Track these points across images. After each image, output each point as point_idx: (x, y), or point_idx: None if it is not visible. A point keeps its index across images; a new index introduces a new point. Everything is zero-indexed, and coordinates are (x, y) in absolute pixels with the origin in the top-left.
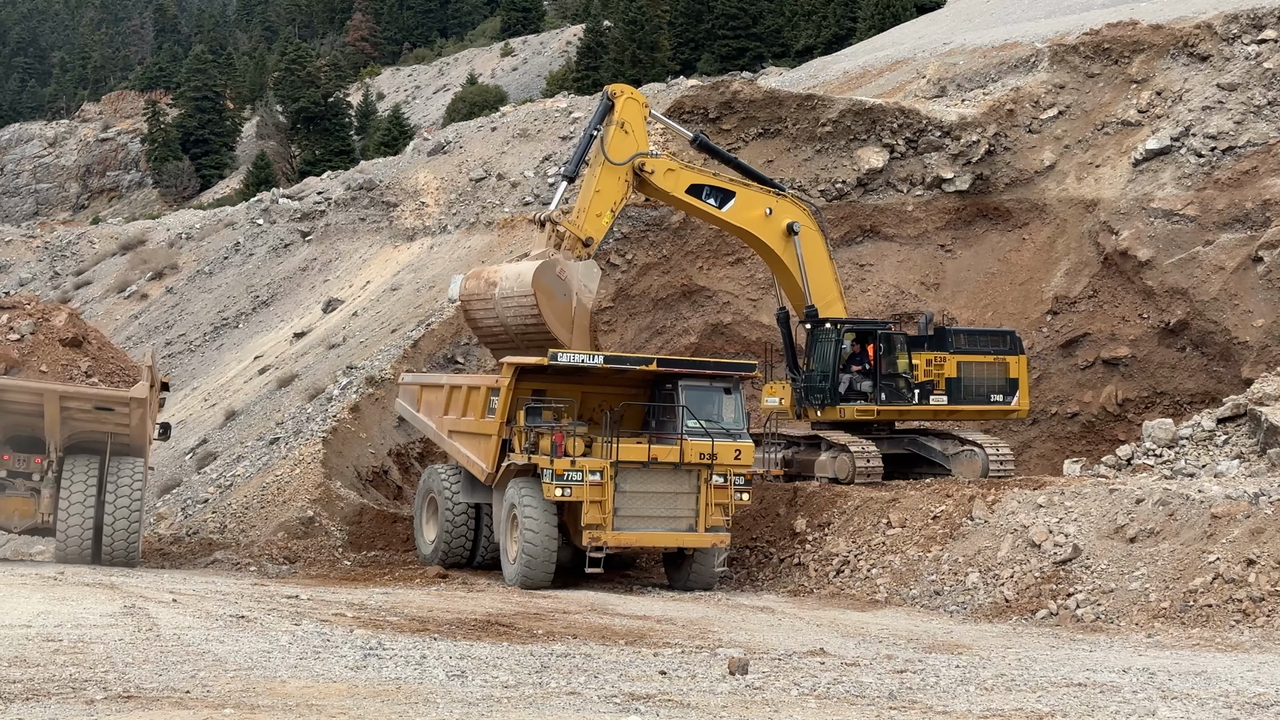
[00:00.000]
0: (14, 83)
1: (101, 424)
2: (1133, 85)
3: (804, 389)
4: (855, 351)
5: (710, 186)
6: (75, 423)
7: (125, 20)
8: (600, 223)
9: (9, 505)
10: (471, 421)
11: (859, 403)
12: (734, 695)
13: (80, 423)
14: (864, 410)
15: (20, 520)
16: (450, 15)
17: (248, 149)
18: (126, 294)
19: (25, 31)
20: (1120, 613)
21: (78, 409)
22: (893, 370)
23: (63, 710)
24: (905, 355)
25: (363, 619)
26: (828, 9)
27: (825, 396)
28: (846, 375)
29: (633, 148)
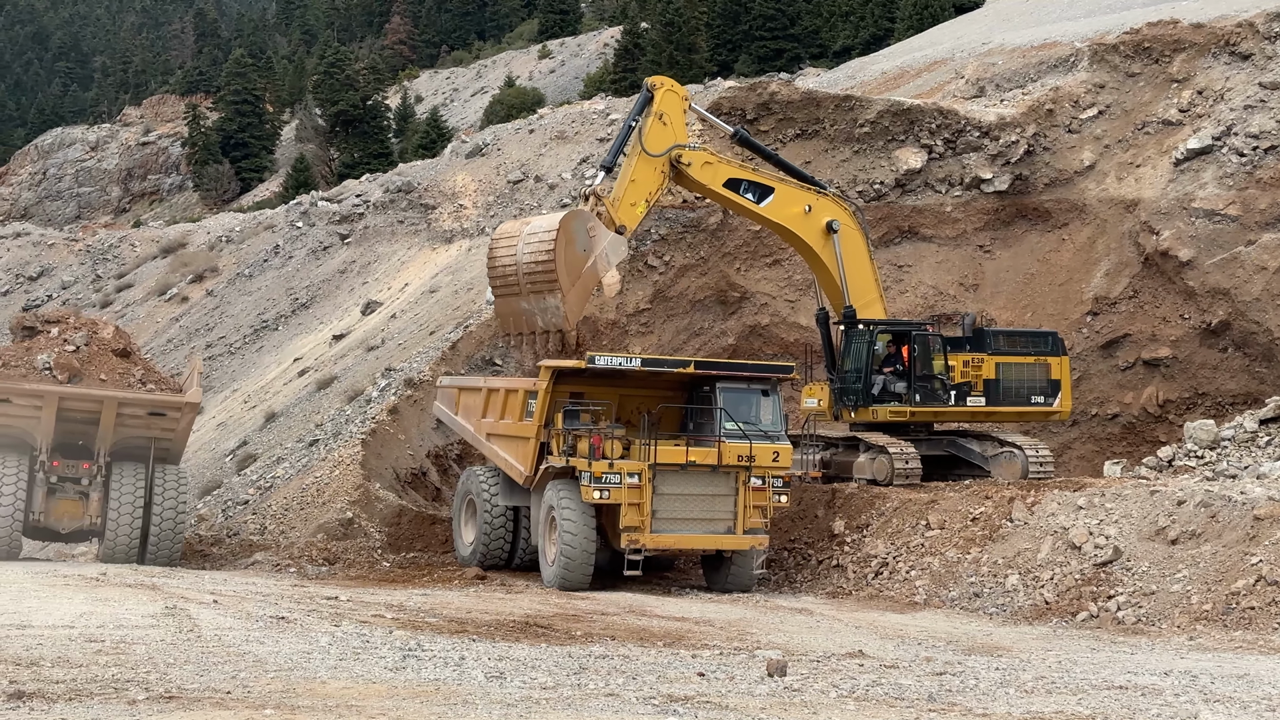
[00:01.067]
0: (56, 87)
1: (149, 429)
2: (1174, 84)
3: (839, 390)
4: (890, 353)
5: (749, 181)
6: (126, 429)
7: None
8: (634, 212)
9: (58, 508)
10: (509, 424)
11: (893, 404)
12: (772, 697)
13: (130, 429)
14: (897, 411)
15: (69, 522)
16: (488, 18)
17: (287, 152)
18: (167, 297)
19: (67, 36)
20: (1162, 615)
21: (131, 415)
22: (928, 371)
23: (105, 710)
24: (941, 356)
25: (402, 620)
26: (866, 10)
27: (858, 398)
28: (880, 376)
29: (670, 139)
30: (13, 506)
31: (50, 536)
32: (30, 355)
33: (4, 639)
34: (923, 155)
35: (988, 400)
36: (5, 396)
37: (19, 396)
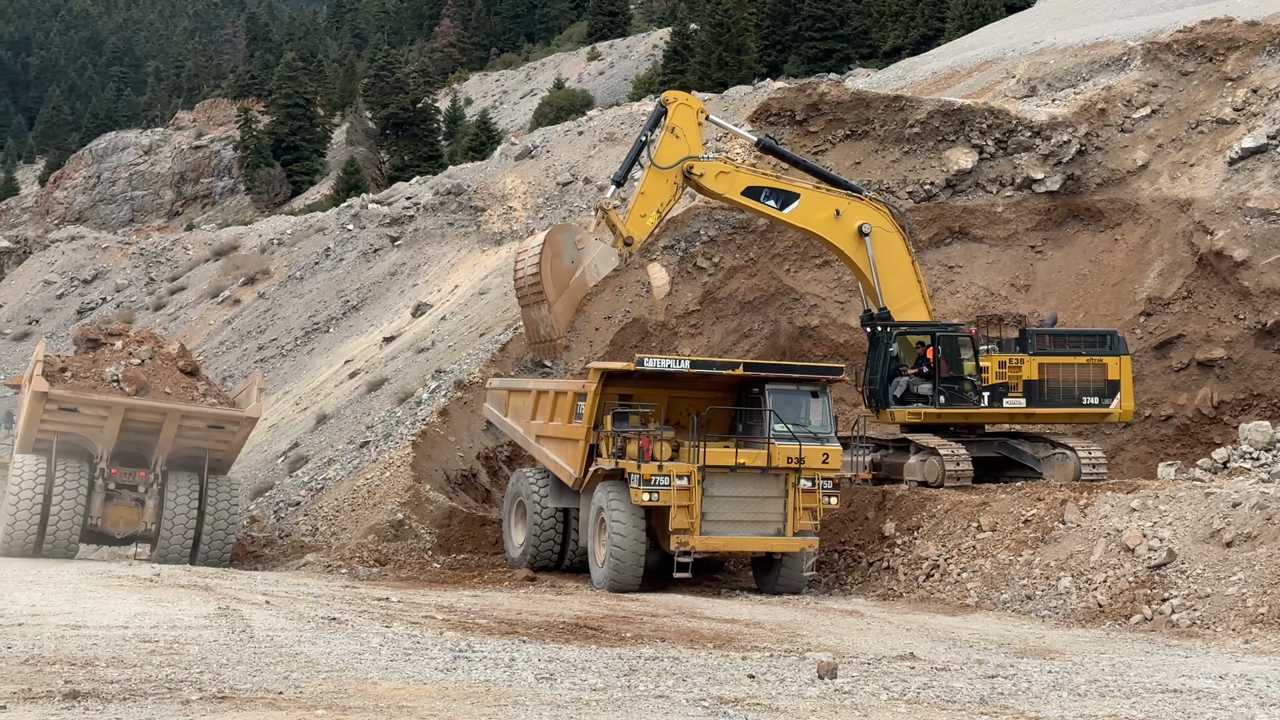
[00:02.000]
0: (110, 92)
1: (205, 440)
2: (1227, 83)
3: (865, 392)
4: (919, 354)
5: (770, 189)
6: (184, 440)
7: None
8: (644, 223)
9: (115, 513)
10: (558, 426)
11: (915, 406)
12: (823, 699)
13: (188, 440)
14: (915, 414)
15: (124, 527)
16: (537, 20)
17: (338, 155)
18: (219, 299)
19: (121, 41)
20: (1217, 618)
21: (191, 427)
22: (956, 373)
23: (159, 710)
24: (972, 357)
25: (452, 621)
26: (916, 9)
27: (878, 399)
28: (904, 379)
29: (682, 151)
30: (74, 511)
31: (105, 540)
32: (97, 367)
33: (60, 639)
34: (974, 155)
35: (1029, 401)
36: (73, 406)
37: (86, 406)
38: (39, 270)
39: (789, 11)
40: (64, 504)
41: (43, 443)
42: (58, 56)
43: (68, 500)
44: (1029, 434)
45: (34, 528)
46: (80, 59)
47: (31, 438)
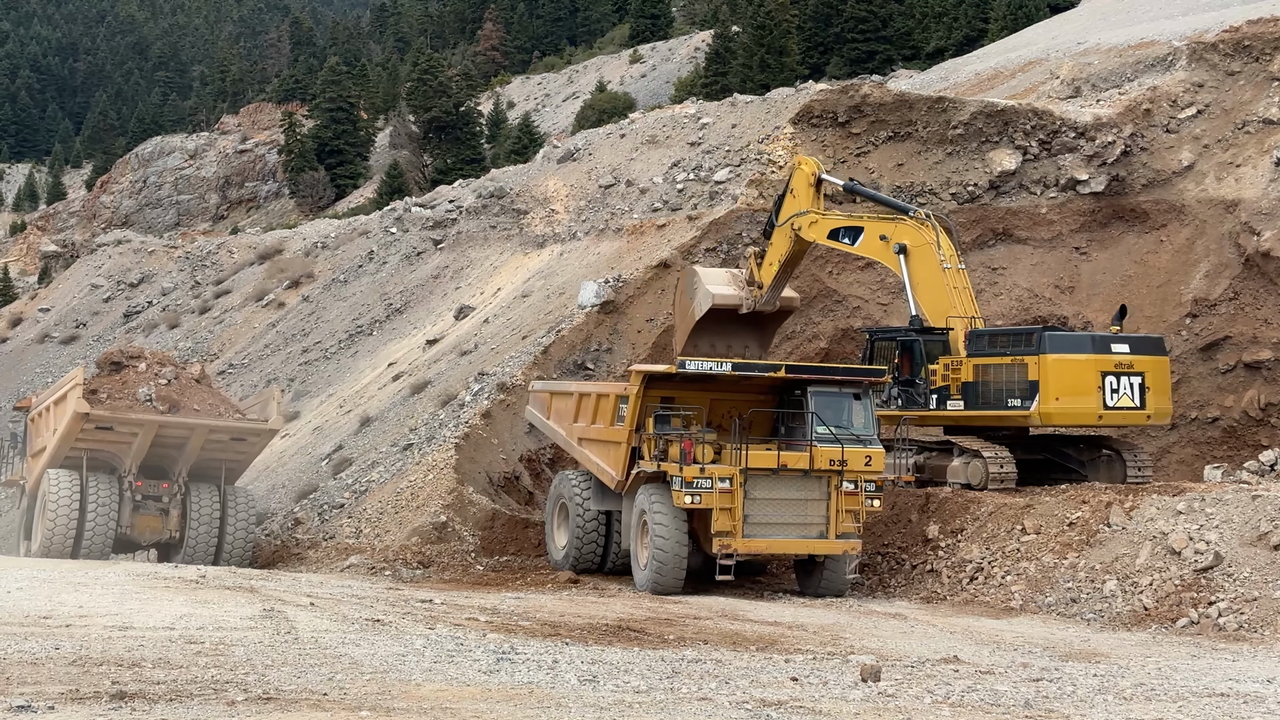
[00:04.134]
0: (156, 96)
1: (225, 452)
2: (1274, 82)
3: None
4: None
5: (844, 228)
6: (206, 453)
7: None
8: (769, 270)
9: (142, 523)
10: (601, 429)
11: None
12: (866, 702)
13: (210, 452)
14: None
15: (150, 535)
16: (579, 23)
17: (381, 158)
18: (264, 302)
19: (166, 46)
20: (1264, 622)
21: (215, 440)
22: (912, 376)
23: (205, 711)
24: (923, 361)
25: (495, 623)
26: (959, 10)
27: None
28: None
29: (794, 209)
30: (107, 521)
31: (133, 548)
32: (129, 388)
33: (107, 640)
34: (1017, 157)
35: (965, 404)
36: (109, 424)
37: (122, 425)
38: (86, 274)
39: (831, 13)
40: (98, 515)
41: (72, 459)
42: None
43: (101, 511)
44: (1074, 437)
45: (70, 537)
46: (126, 64)
47: (63, 454)
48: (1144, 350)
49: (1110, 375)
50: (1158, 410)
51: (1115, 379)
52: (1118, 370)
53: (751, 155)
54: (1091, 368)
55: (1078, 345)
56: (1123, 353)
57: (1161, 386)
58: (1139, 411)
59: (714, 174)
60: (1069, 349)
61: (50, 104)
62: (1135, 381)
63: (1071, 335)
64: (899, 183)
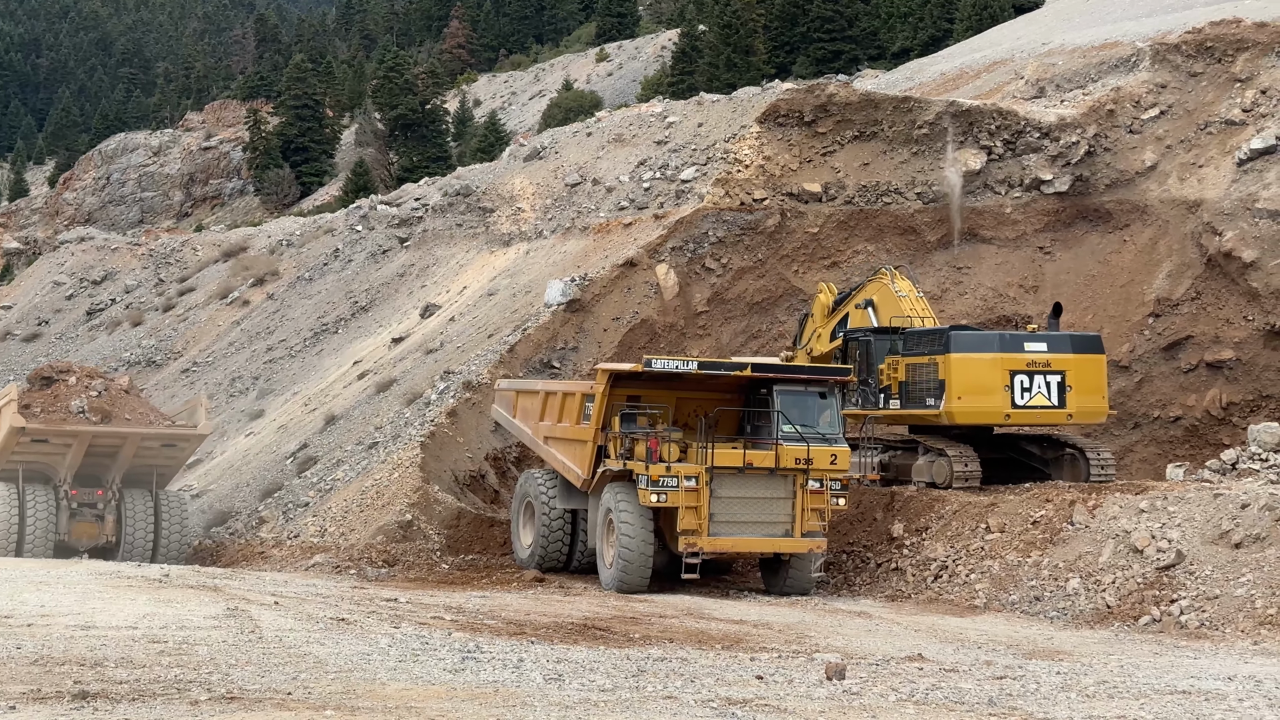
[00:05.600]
0: (120, 93)
1: (156, 458)
2: (1236, 84)
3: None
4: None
5: (836, 325)
6: (139, 459)
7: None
8: None
9: (79, 529)
10: (567, 427)
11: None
12: (831, 700)
13: (142, 459)
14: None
15: (87, 541)
16: (546, 22)
17: (347, 156)
18: (229, 300)
19: (130, 42)
20: (1225, 619)
21: (147, 447)
22: (862, 375)
23: (168, 711)
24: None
25: (461, 622)
26: (924, 10)
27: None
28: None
29: (812, 329)
30: (46, 530)
31: (71, 554)
32: (61, 401)
33: (69, 640)
34: (982, 157)
35: (901, 403)
36: (44, 437)
37: (56, 436)
38: (48, 271)
39: (797, 13)
40: (36, 524)
41: (8, 471)
42: (67, 58)
43: (39, 520)
44: (1037, 436)
45: (11, 546)
46: (90, 60)
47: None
48: (1067, 349)
49: (1021, 374)
50: (1082, 409)
51: (1027, 378)
52: (1030, 369)
53: (718, 154)
54: (998, 367)
55: (984, 345)
56: (1038, 351)
57: (1090, 385)
58: (1057, 410)
59: (680, 173)
60: (975, 348)
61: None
62: (1053, 380)
63: (979, 335)
64: (864, 182)
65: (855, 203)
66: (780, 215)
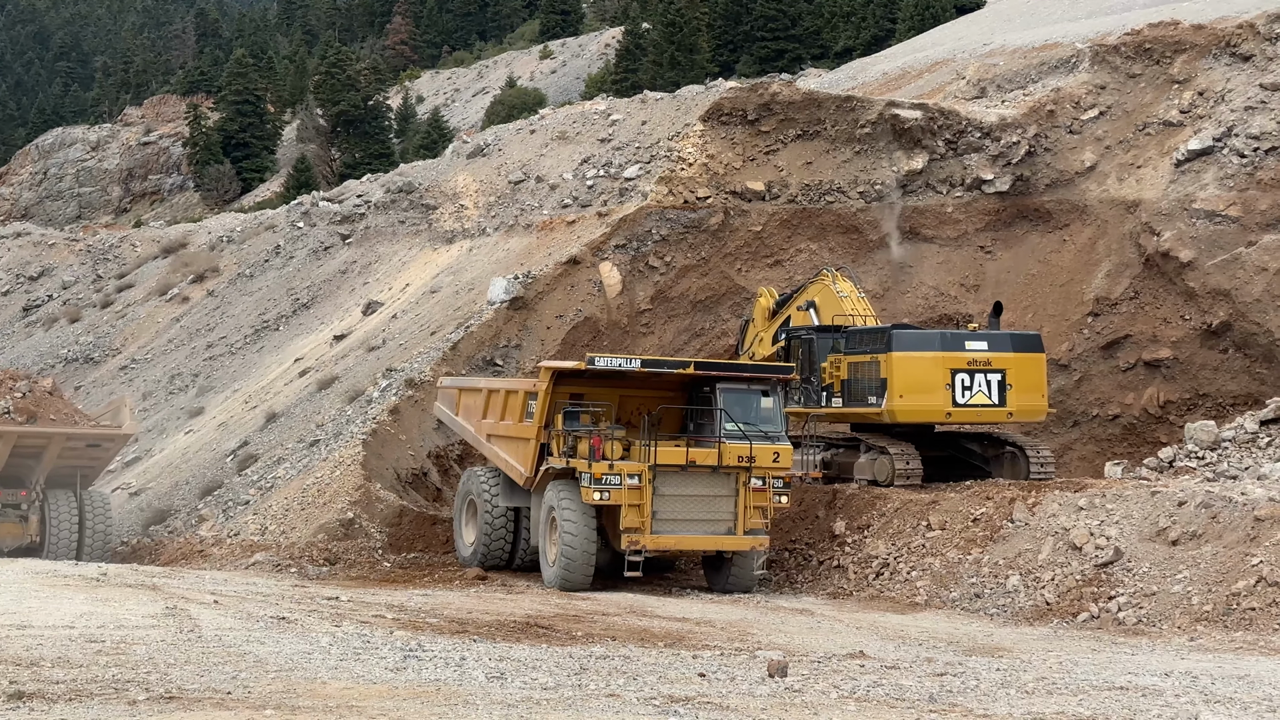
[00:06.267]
0: (57, 87)
1: (80, 459)
2: (1174, 85)
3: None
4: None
5: (779, 327)
6: (63, 460)
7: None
8: None
9: (3, 530)
10: (510, 425)
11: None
12: (773, 698)
13: (66, 460)
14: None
15: (11, 541)
16: (489, 18)
17: (288, 152)
18: (168, 297)
19: (68, 36)
20: (1162, 616)
21: (71, 448)
22: (811, 374)
23: (105, 711)
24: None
25: (402, 620)
26: (867, 10)
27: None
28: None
29: (752, 334)
30: None
31: None
32: None
33: (4, 639)
34: (924, 156)
35: (844, 401)
36: None
37: None
38: None
39: (741, 11)
40: None
41: None
42: (3, 51)
43: None
44: (978, 434)
45: None
46: (26, 54)
47: None
48: (1007, 347)
49: (962, 373)
50: (1022, 408)
51: (968, 376)
52: (971, 368)
53: (661, 152)
54: (940, 365)
55: (925, 343)
56: (979, 350)
57: (1030, 384)
58: (997, 409)
59: (624, 170)
60: (916, 347)
61: None
62: (994, 379)
63: (920, 333)
64: (807, 181)
65: (798, 201)
66: (724, 214)
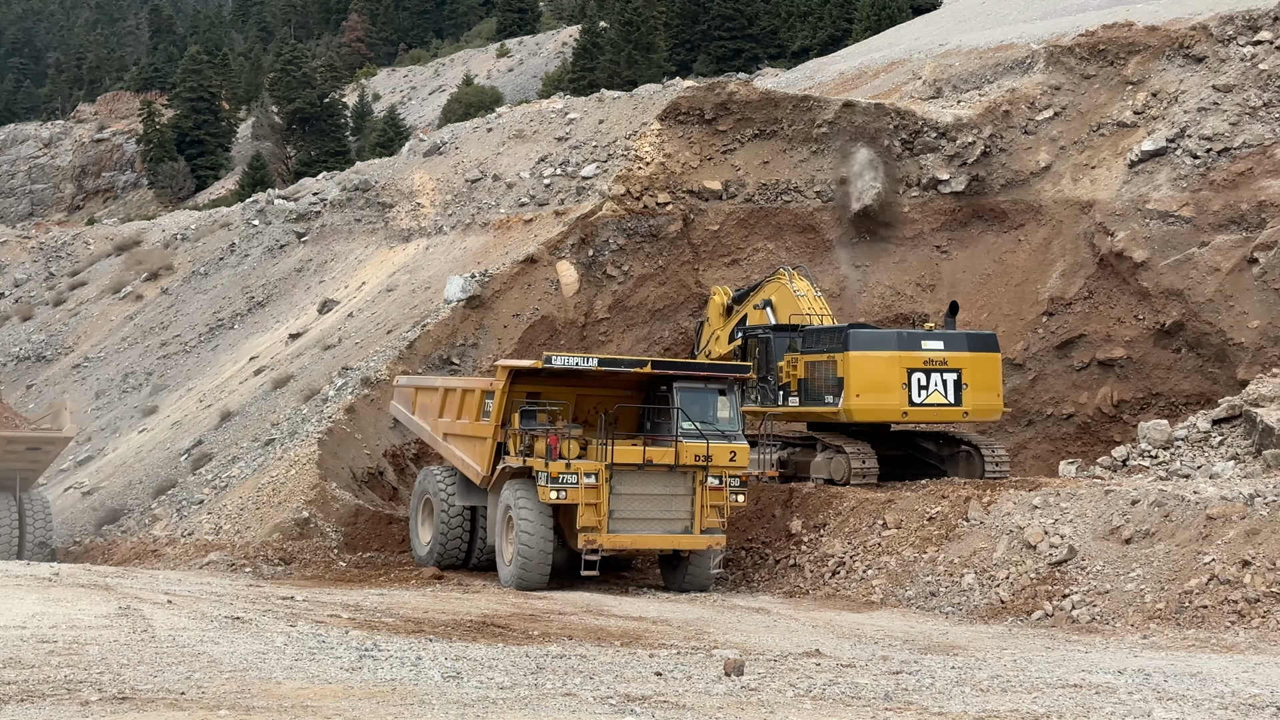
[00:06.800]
0: (9, 83)
1: (20, 461)
2: (1128, 87)
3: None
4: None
5: (735, 326)
6: (2, 463)
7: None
8: None
9: None
10: (466, 424)
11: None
12: (730, 696)
13: (6, 462)
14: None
15: None
16: (446, 16)
17: (243, 150)
18: (122, 295)
19: (20, 32)
20: (1116, 614)
21: (11, 450)
22: (767, 373)
23: (57, 712)
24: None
25: (358, 620)
26: (824, 10)
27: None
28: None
29: (707, 333)
30: None
31: None
32: None
33: None
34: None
35: (801, 400)
36: None
37: None
38: None
39: (698, 11)
40: None
41: None
42: None
43: None
44: (933, 433)
45: None
46: None
47: None
48: (963, 347)
49: (918, 372)
50: (978, 407)
51: (924, 375)
52: (927, 367)
53: (619, 151)
54: (896, 365)
55: (882, 343)
56: (935, 350)
57: (986, 383)
58: (953, 408)
59: (581, 169)
60: (873, 346)
61: None
62: (949, 378)
63: (876, 333)
64: (764, 180)
65: (755, 201)
66: (683, 221)
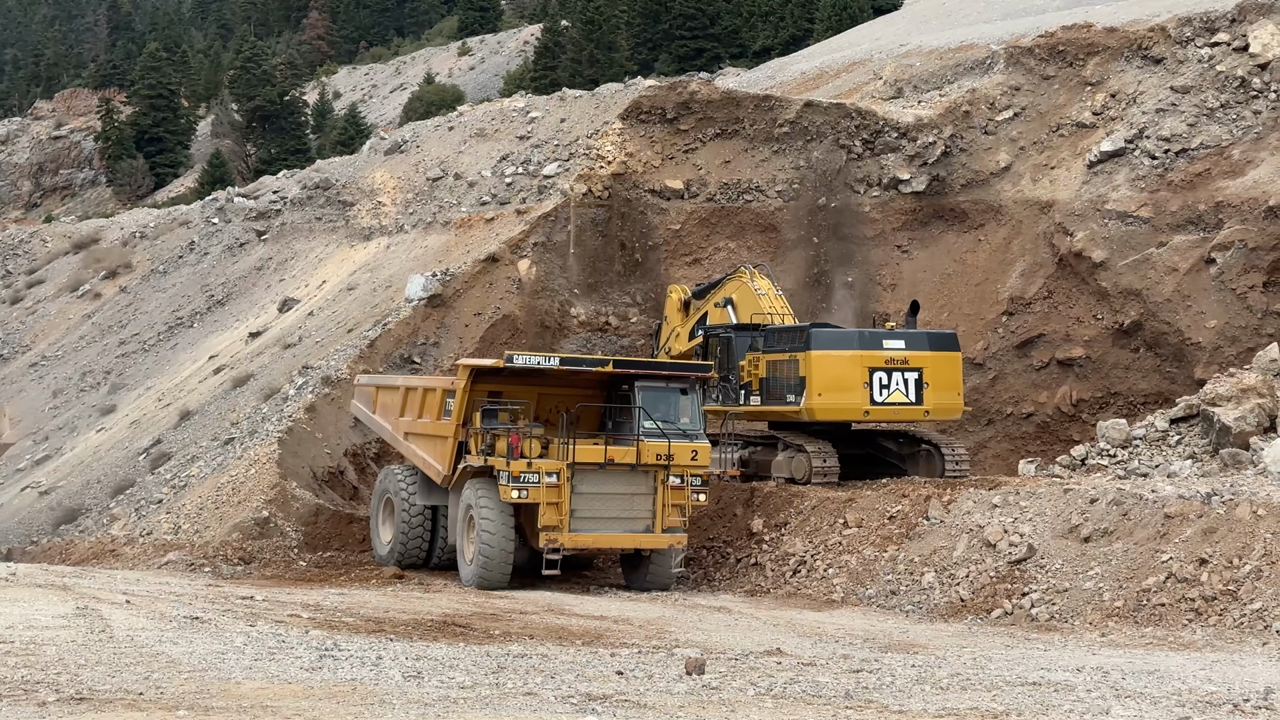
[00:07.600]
0: None
1: None
2: (1087, 87)
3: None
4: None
5: (694, 325)
6: None
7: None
8: None
9: None
10: (427, 423)
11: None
12: (691, 695)
13: None
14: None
15: None
16: (407, 14)
17: (203, 147)
18: (79, 293)
19: None
20: (1074, 612)
21: None
22: (729, 372)
23: (14, 713)
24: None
25: (318, 620)
26: (785, 10)
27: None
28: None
29: (666, 330)
30: None
31: None
32: None
33: None
34: (841, 155)
35: (762, 399)
36: None
37: None
38: None
39: (660, 10)
40: None
41: None
42: None
43: None
44: (894, 432)
45: None
46: None
47: None
48: (924, 346)
49: (880, 371)
50: (938, 406)
51: (886, 375)
52: (889, 366)
53: (580, 150)
54: (857, 364)
55: (844, 342)
56: (896, 349)
57: (947, 382)
58: (914, 407)
59: (543, 168)
60: (834, 345)
61: None
62: (910, 377)
63: (838, 332)
64: (726, 179)
65: (717, 200)
66: (640, 214)
